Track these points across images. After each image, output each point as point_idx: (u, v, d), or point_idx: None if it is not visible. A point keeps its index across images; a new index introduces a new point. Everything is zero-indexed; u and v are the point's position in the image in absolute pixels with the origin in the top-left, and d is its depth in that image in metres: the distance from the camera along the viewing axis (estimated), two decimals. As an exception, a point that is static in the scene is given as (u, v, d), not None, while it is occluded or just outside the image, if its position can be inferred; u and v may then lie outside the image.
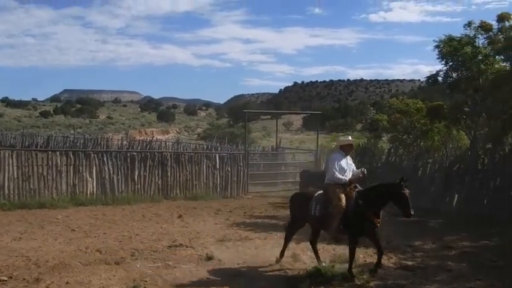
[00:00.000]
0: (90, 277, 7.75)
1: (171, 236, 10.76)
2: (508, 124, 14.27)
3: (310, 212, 8.43)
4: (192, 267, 8.51)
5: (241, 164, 17.78)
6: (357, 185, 8.30)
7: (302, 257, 9.12)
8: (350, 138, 8.79)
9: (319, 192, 8.54)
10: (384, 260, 8.86)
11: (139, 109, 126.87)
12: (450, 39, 15.37)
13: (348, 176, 8.23)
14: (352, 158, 8.64)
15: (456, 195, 14.39)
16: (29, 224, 11.68)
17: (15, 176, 14.01)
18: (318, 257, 8.74)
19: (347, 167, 8.31)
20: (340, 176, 8.17)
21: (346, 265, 8.17)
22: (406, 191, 7.61)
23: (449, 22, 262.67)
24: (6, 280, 7.51)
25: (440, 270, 8.69)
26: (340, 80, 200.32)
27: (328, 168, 8.42)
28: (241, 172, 17.72)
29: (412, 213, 7.56)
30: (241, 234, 11.22)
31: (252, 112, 43.94)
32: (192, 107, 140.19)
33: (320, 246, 9.91)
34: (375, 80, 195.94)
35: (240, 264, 8.75)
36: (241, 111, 29.97)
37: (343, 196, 8.07)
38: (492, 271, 8.61)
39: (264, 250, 9.69)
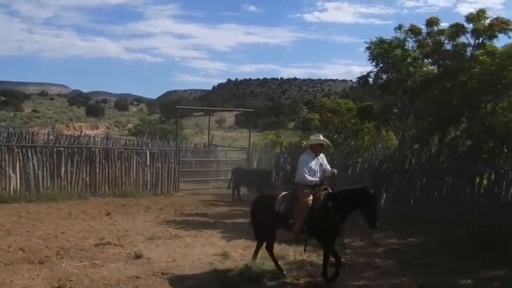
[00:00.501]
0: (12, 277, 7.51)
1: (99, 234, 10.52)
2: (435, 125, 14.74)
3: (274, 208, 8.14)
4: (120, 266, 8.34)
5: (172, 161, 17.54)
6: (328, 187, 8.11)
7: (233, 254, 9.14)
8: (321, 137, 8.45)
9: (286, 192, 8.41)
10: (314, 258, 9.03)
11: (67, 103, 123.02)
12: (381, 41, 15.67)
13: (318, 177, 8.03)
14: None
15: (384, 194, 14.73)
16: None
17: None
18: (278, 265, 8.33)
19: (317, 168, 8.06)
20: (309, 178, 7.94)
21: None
22: (376, 200, 7.54)
23: (382, 24, 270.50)
24: None
25: (367, 267, 8.85)
26: (273, 79, 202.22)
27: (298, 169, 8.16)
28: (172, 169, 17.48)
29: (377, 225, 7.48)
30: (171, 232, 11.11)
31: (184, 108, 43.41)
32: (123, 102, 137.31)
33: (251, 243, 9.86)
34: (308, 79, 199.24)
35: (170, 262, 8.65)
36: (174, 107, 29.51)
37: (310, 196, 7.89)
38: (418, 268, 8.84)
39: (194, 248, 9.71)
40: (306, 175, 7.93)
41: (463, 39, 14.58)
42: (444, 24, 15.22)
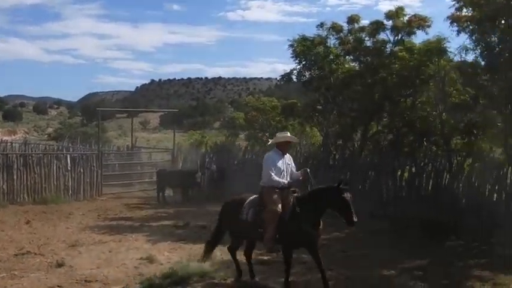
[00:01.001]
0: None
1: (18, 244, 10.16)
2: (357, 121, 15.04)
3: (241, 216, 7.52)
4: (41, 276, 8.06)
5: (95, 165, 17.02)
6: (296, 189, 7.60)
7: (158, 257, 9.02)
8: (288, 134, 8.04)
9: (254, 196, 7.73)
10: (241, 256, 8.71)
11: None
12: (304, 38, 15.71)
13: (286, 178, 7.52)
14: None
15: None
16: None
17: None
18: (240, 271, 7.96)
19: (284, 168, 7.52)
20: (277, 178, 7.36)
21: (203, 263, 8.16)
22: (347, 195, 7.00)
23: (306, 22, 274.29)
24: None
25: (295, 263, 8.62)
26: (198, 78, 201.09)
27: (264, 170, 7.54)
28: (95, 173, 16.95)
29: (355, 220, 6.96)
30: (94, 237, 10.82)
31: (106, 110, 42.29)
32: (42, 105, 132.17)
33: (177, 245, 10.03)
34: (233, 78, 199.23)
35: (94, 269, 8.44)
36: (95, 109, 28.64)
37: (279, 201, 7.30)
38: (344, 261, 9.01)
39: (118, 253, 9.54)
40: (273, 174, 7.37)
41: (383, 36, 14.87)
42: (365, 22, 15.48)
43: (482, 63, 12.05)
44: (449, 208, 12.04)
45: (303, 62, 15.93)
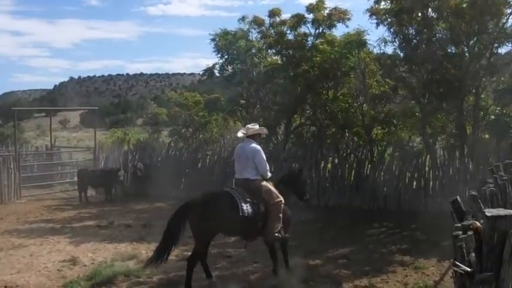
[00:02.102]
0: None
1: None
2: (280, 114, 15.11)
3: (238, 213, 7.06)
4: None
5: (12, 167, 16.25)
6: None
7: (82, 259, 8.87)
8: (257, 126, 7.87)
9: (230, 189, 7.45)
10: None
11: None
12: (225, 33, 15.66)
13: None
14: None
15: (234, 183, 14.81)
16: None
17: None
18: (209, 273, 7.52)
19: None
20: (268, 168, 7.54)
21: (128, 262, 8.35)
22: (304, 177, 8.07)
23: (228, 17, 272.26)
24: None
25: (220, 257, 8.89)
26: (119, 75, 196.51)
27: (261, 162, 7.39)
28: (13, 175, 16.14)
29: (307, 197, 8.09)
30: (14, 242, 10.34)
31: (23, 110, 40.60)
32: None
33: (101, 245, 9.80)
34: (155, 74, 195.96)
35: (14, 274, 8.17)
36: (11, 109, 27.52)
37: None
38: (266, 254, 8.67)
39: (40, 256, 9.26)
40: (267, 165, 7.49)
41: (304, 29, 15.04)
42: (286, 15, 15.59)
43: (401, 54, 12.45)
44: (372, 196, 12.38)
45: (225, 56, 15.90)
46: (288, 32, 15.26)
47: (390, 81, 12.84)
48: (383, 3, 12.11)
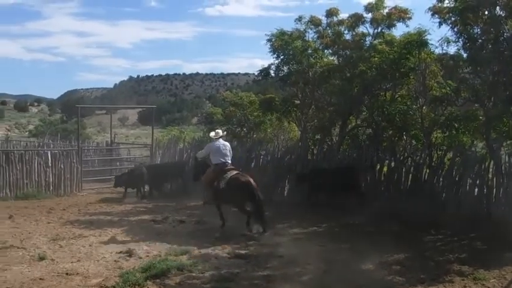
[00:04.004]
0: None
1: (1, 238, 10.21)
2: (335, 115, 14.86)
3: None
4: (23, 269, 8.20)
5: (75, 161, 16.98)
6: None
7: (137, 251, 9.15)
8: (220, 131, 11.87)
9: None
10: (218, 250, 9.32)
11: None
12: (281, 33, 15.50)
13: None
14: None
15: (287, 185, 14.72)
16: None
17: None
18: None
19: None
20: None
21: (181, 257, 8.70)
22: None
23: (284, 17, 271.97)
24: None
25: (272, 257, 8.91)
26: (176, 74, 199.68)
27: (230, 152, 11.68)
28: (75, 169, 16.90)
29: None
30: (75, 232, 10.89)
31: (85, 107, 41.85)
32: (23, 103, 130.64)
33: (155, 239, 10.11)
34: (210, 73, 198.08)
35: (74, 262, 8.57)
36: (75, 106, 28.50)
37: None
38: (322, 255, 8.86)
39: (98, 247, 9.61)
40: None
41: (362, 28, 14.78)
42: (344, 15, 15.33)
43: (465, 55, 11.89)
44: (429, 202, 11.94)
45: (281, 57, 15.73)
46: (346, 32, 15.07)
47: (452, 83, 12.32)
48: (446, 1, 11.59)
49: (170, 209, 13.39)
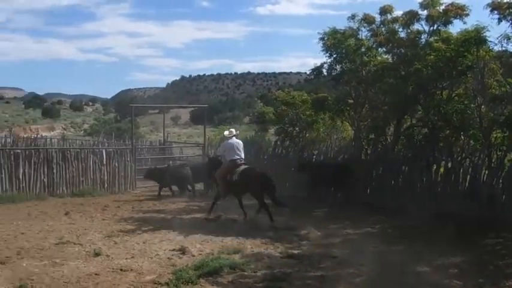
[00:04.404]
0: None
1: (58, 233, 10.55)
2: (390, 115, 14.61)
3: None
4: (79, 264, 8.39)
5: (129, 159, 17.46)
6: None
7: (190, 249, 9.22)
8: (233, 130, 12.52)
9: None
10: (271, 250, 9.35)
11: (23, 106, 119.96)
12: (334, 31, 15.38)
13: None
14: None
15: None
16: None
17: None
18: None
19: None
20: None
21: (234, 255, 8.71)
22: None
23: (336, 15, 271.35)
24: None
25: (325, 258, 8.84)
26: (227, 74, 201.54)
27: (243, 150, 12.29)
28: (129, 167, 17.39)
29: None
30: (129, 229, 11.14)
31: (139, 106, 42.79)
32: (78, 103, 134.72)
33: (208, 237, 10.21)
34: (262, 73, 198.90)
35: (128, 259, 8.74)
36: (128, 106, 29.18)
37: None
38: (375, 256, 8.76)
39: (152, 244, 9.76)
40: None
41: (417, 26, 14.44)
42: (398, 12, 15.03)
43: (526, 52, 11.52)
44: (488, 204, 11.57)
45: (334, 55, 15.63)
46: (400, 29, 14.74)
47: (512, 81, 11.94)
48: (506, -4, 11.27)
49: (222, 207, 13.47)
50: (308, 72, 17.68)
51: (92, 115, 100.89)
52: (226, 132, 12.70)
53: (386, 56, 15.44)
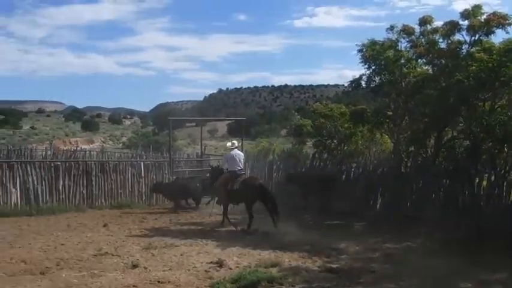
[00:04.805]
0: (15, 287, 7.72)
1: (97, 245, 10.79)
2: (430, 126, 14.32)
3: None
4: (117, 275, 8.53)
5: (167, 172, 17.68)
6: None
7: (228, 262, 9.24)
8: (235, 142, 13.78)
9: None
10: (309, 263, 9.29)
11: (63, 119, 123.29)
12: (373, 43, 15.28)
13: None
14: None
15: (380, 198, 14.39)
16: (-48, 236, 11.54)
17: None
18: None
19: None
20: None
21: (271, 269, 8.65)
22: None
23: (374, 27, 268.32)
24: None
25: (364, 272, 8.75)
26: (264, 86, 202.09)
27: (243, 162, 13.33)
28: (166, 180, 17.53)
29: None
30: (166, 241, 11.21)
31: (176, 119, 43.16)
32: (117, 116, 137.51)
33: (245, 250, 10.26)
34: (299, 85, 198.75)
35: (166, 271, 8.82)
36: (166, 118, 29.51)
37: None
38: (415, 271, 8.64)
39: (189, 256, 9.83)
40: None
41: (458, 36, 14.19)
42: (438, 23, 14.82)
43: None
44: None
45: (373, 67, 15.51)
46: (440, 40, 14.54)
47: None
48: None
49: (259, 221, 13.44)
50: (346, 84, 17.57)
51: (130, 128, 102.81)
52: (228, 144, 13.62)
53: (426, 67, 15.23)
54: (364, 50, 15.27)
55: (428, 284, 7.90)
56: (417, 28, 14.96)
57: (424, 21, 14.80)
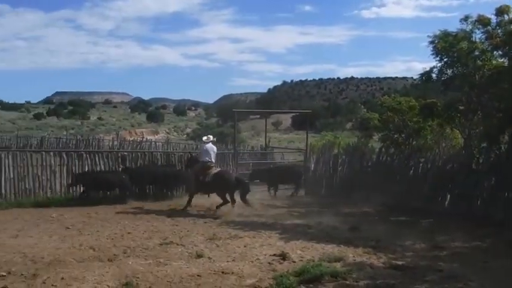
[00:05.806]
0: (85, 273, 7.91)
1: (162, 234, 10.93)
2: (505, 122, 13.72)
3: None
4: (182, 264, 8.61)
5: (231, 163, 17.83)
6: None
7: (291, 255, 9.14)
8: (211, 137, 14.92)
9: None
10: (374, 260, 9.07)
11: (129, 110, 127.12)
12: (445, 34, 14.74)
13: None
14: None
15: (449, 195, 13.96)
16: (25, 222, 11.96)
17: (11, 176, 14.39)
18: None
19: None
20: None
21: (335, 263, 8.52)
22: None
23: (446, 17, 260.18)
24: (5, 275, 7.77)
25: (430, 271, 8.49)
26: (330, 79, 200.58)
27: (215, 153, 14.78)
28: (231, 171, 17.38)
29: None
30: (230, 232, 11.24)
31: (241, 111, 43.52)
32: (182, 107, 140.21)
33: (309, 244, 10.15)
34: (366, 78, 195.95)
35: (230, 261, 8.83)
36: (231, 110, 29.69)
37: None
38: (484, 272, 8.38)
39: (253, 248, 9.81)
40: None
41: (539, 27, 13.45)
42: (517, 12, 14.09)
43: None
44: None
45: (445, 59, 14.93)
46: (519, 31, 13.84)
47: None
48: None
49: (323, 214, 13.33)
50: (416, 77, 17.06)
51: (194, 120, 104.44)
52: (204, 138, 14.90)
53: (502, 60, 14.53)
54: (436, 41, 14.76)
55: (498, 285, 7.60)
56: (493, 18, 14.29)
57: (501, 11, 14.10)
